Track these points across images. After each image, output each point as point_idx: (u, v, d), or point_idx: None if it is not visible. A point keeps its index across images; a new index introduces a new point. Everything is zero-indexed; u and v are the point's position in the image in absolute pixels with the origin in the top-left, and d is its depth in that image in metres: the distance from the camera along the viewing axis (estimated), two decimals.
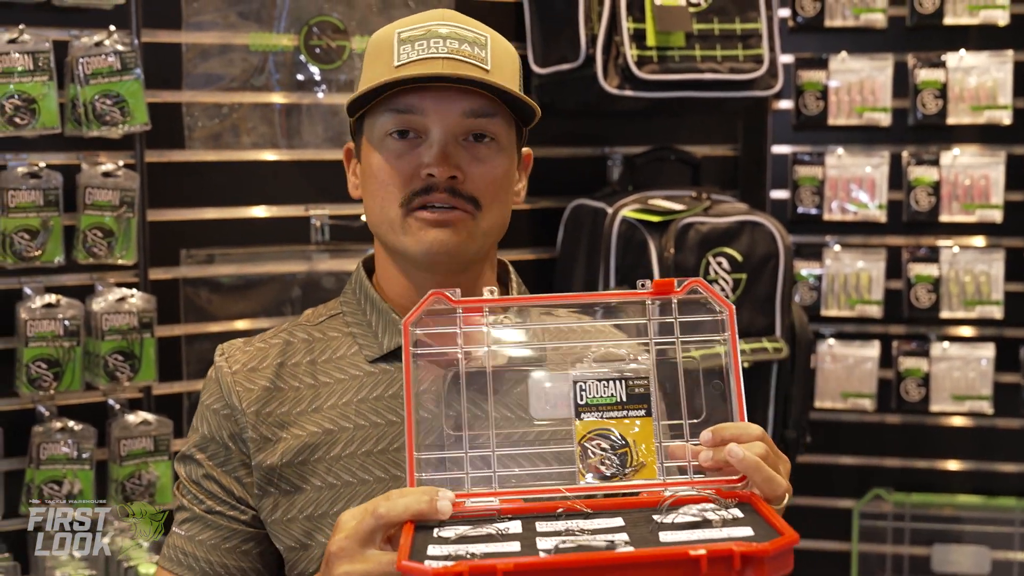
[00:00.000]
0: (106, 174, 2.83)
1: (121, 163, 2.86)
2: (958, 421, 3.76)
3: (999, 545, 3.72)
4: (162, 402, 2.97)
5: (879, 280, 3.71)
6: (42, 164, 2.77)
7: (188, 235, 3.06)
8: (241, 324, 3.11)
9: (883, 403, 3.74)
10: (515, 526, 1.31)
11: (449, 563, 1.18)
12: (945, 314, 3.68)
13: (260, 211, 3.15)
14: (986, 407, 3.68)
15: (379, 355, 1.60)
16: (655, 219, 3.16)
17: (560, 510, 1.34)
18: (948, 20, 3.64)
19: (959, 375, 3.69)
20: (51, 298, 2.77)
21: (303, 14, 3.15)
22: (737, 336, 1.37)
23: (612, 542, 1.24)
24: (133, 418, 2.84)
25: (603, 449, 1.36)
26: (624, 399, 1.37)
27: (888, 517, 3.73)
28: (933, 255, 3.69)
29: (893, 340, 3.74)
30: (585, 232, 3.35)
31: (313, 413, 1.57)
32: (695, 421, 1.37)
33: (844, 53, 3.71)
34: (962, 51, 3.66)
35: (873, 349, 3.72)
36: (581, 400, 1.37)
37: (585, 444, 1.37)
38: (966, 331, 3.74)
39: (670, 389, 1.38)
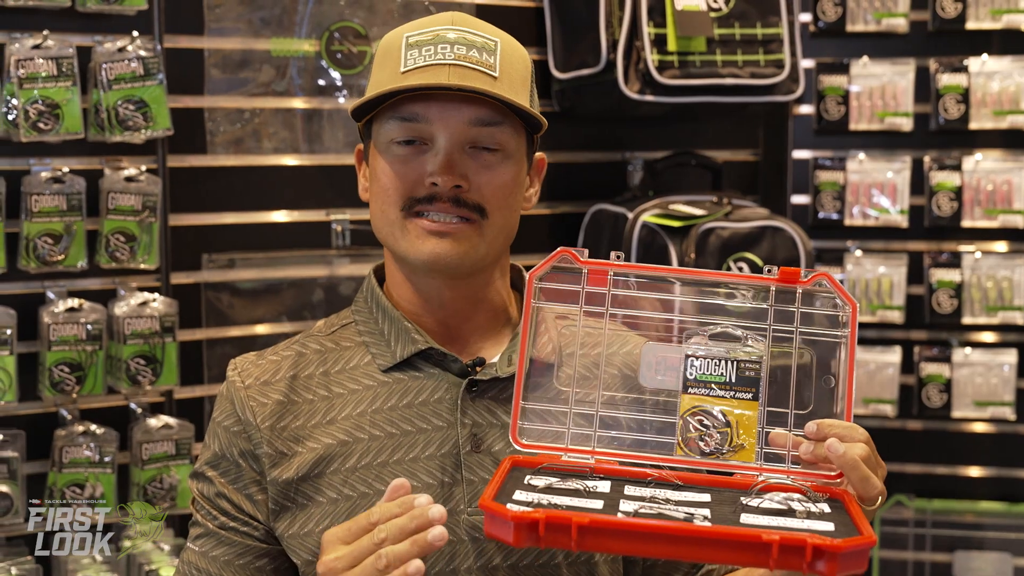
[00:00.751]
0: (129, 179, 2.84)
1: (144, 168, 2.87)
2: (980, 427, 3.74)
3: (1021, 552, 3.70)
4: (183, 406, 2.98)
5: (900, 285, 3.70)
6: (65, 169, 2.79)
7: (210, 240, 3.07)
8: (262, 328, 3.12)
9: (904, 409, 3.73)
10: (604, 486, 1.34)
11: (529, 509, 1.21)
12: (967, 320, 3.67)
13: (281, 216, 3.16)
14: (1008, 413, 3.66)
15: (392, 364, 1.58)
16: (676, 224, 3.16)
17: (651, 478, 1.37)
18: (970, 25, 3.63)
19: (981, 381, 3.67)
20: (74, 302, 2.79)
21: (324, 20, 3.16)
22: (856, 335, 1.38)
23: (692, 515, 1.26)
24: (155, 422, 2.85)
25: (704, 426, 1.38)
26: (733, 380, 1.39)
27: (909, 523, 3.72)
28: (955, 260, 3.67)
29: (915, 346, 3.72)
30: (605, 237, 3.35)
31: (327, 425, 1.55)
32: (801, 412, 1.38)
33: (866, 58, 3.70)
34: (984, 56, 3.65)
35: (894, 355, 3.71)
36: (690, 375, 1.39)
37: (687, 418, 1.39)
38: (988, 337, 3.73)
39: (780, 377, 1.39)
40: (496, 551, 1.51)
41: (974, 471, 3.77)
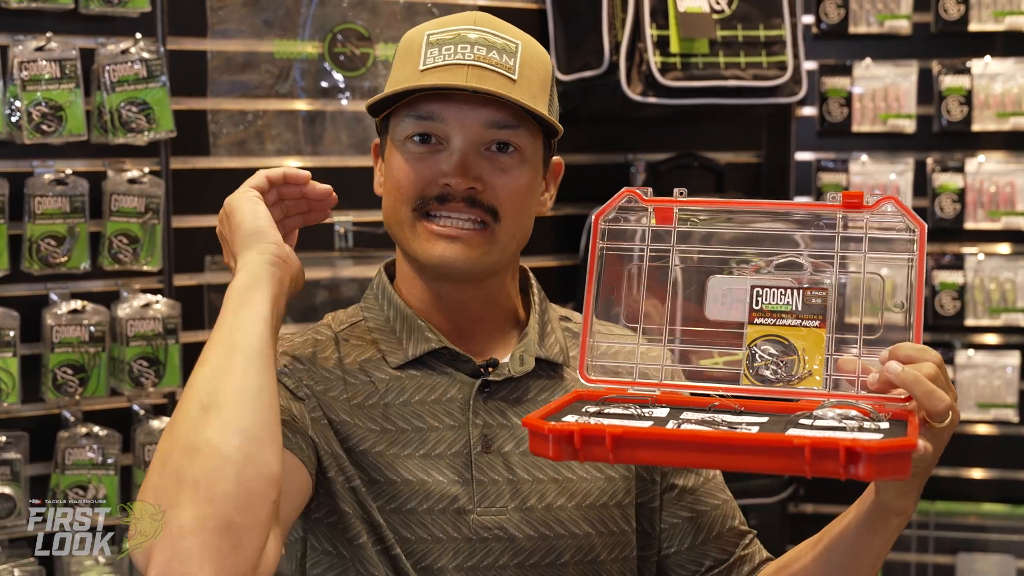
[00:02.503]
0: (132, 181, 2.84)
1: (147, 170, 2.87)
2: (983, 429, 3.74)
3: None
4: None
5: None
6: (68, 171, 2.79)
7: (213, 241, 3.04)
8: None
9: None
10: (661, 412, 1.34)
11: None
12: (970, 322, 3.66)
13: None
14: (1011, 415, 3.66)
15: (404, 362, 1.56)
16: None
17: (711, 405, 1.37)
18: (973, 26, 3.63)
19: (984, 383, 3.67)
20: (77, 304, 2.79)
21: (327, 21, 3.17)
22: (925, 257, 1.35)
23: (736, 429, 1.25)
24: (157, 424, 2.85)
25: (771, 355, 1.38)
26: (799, 309, 1.38)
27: (912, 526, 3.71)
28: (958, 262, 3.67)
29: None
30: None
31: (344, 402, 1.53)
32: (870, 338, 1.36)
33: (868, 60, 3.70)
34: (987, 57, 3.64)
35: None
36: (756, 305, 1.39)
37: (754, 348, 1.38)
38: (991, 339, 3.72)
39: (848, 304, 1.38)
40: (505, 551, 1.51)
41: (977, 473, 3.76)
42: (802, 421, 1.29)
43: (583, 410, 1.34)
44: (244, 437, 1.27)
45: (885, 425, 1.27)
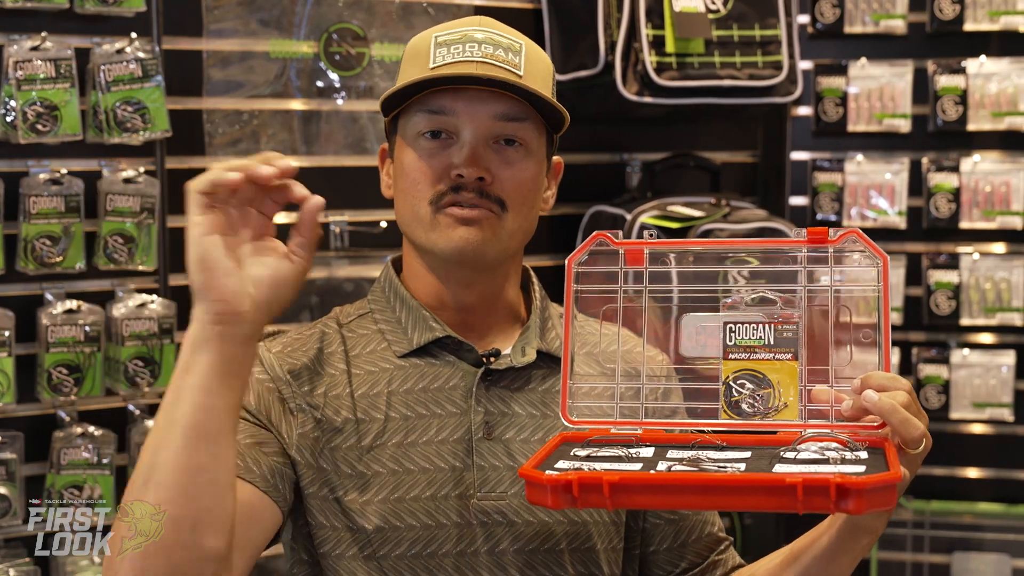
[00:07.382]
0: (127, 180, 2.84)
1: (142, 169, 2.87)
2: (978, 428, 3.74)
3: (1020, 553, 3.69)
4: None
5: (899, 287, 3.70)
6: (64, 171, 2.79)
7: None
8: None
9: None
10: (647, 452, 1.38)
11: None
12: (965, 321, 3.67)
13: (279, 217, 3.15)
14: (1007, 414, 3.66)
15: (408, 350, 1.62)
16: (674, 226, 3.16)
17: (694, 442, 1.41)
18: (968, 26, 3.63)
19: (979, 382, 3.67)
20: (72, 304, 2.79)
21: (323, 21, 3.16)
22: (889, 288, 1.40)
23: (725, 468, 1.29)
24: (153, 424, 2.84)
25: (747, 389, 1.41)
26: (772, 342, 1.42)
27: (908, 525, 3.72)
28: (953, 262, 3.67)
29: (913, 347, 3.72)
30: None
31: (347, 398, 1.59)
32: (841, 368, 1.40)
33: (864, 59, 3.70)
34: (982, 57, 3.65)
35: (892, 356, 3.70)
36: (730, 341, 1.43)
37: (730, 383, 1.42)
38: (986, 338, 3.73)
39: (818, 336, 1.42)
40: (504, 535, 1.55)
41: (972, 472, 3.77)
42: (785, 455, 1.33)
43: (572, 454, 1.37)
44: (176, 525, 1.30)
45: (863, 454, 1.32)
